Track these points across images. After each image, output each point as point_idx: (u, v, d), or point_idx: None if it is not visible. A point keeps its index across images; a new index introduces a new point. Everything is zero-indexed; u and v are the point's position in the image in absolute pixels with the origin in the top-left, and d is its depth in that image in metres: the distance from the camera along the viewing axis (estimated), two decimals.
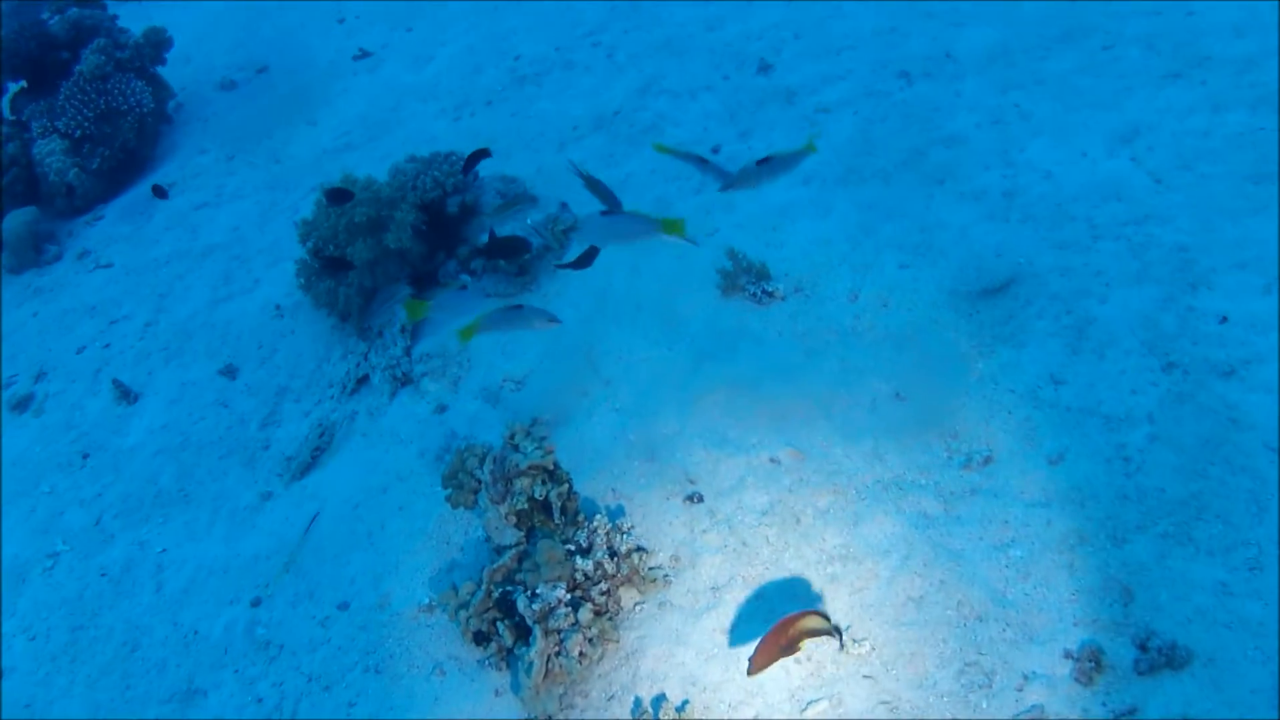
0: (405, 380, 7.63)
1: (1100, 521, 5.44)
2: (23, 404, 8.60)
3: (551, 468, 6.00)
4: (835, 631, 5.13)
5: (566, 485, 6.04)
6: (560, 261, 7.29)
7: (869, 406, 6.34)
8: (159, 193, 8.56)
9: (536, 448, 5.99)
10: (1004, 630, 5.20)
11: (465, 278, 7.99)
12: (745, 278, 7.19)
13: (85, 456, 8.06)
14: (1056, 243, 6.82)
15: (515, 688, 5.65)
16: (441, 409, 7.42)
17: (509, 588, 5.78)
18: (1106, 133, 7.56)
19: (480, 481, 6.07)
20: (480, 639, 5.88)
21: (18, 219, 10.34)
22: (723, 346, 6.96)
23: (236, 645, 6.54)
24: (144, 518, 7.49)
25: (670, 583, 5.89)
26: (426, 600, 6.31)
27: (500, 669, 5.83)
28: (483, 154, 7.28)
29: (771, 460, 6.24)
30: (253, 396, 8.10)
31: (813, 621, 5.10)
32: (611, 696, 5.57)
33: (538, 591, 5.61)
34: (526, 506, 5.95)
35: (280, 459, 7.52)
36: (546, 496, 5.96)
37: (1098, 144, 7.49)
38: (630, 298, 7.52)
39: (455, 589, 5.96)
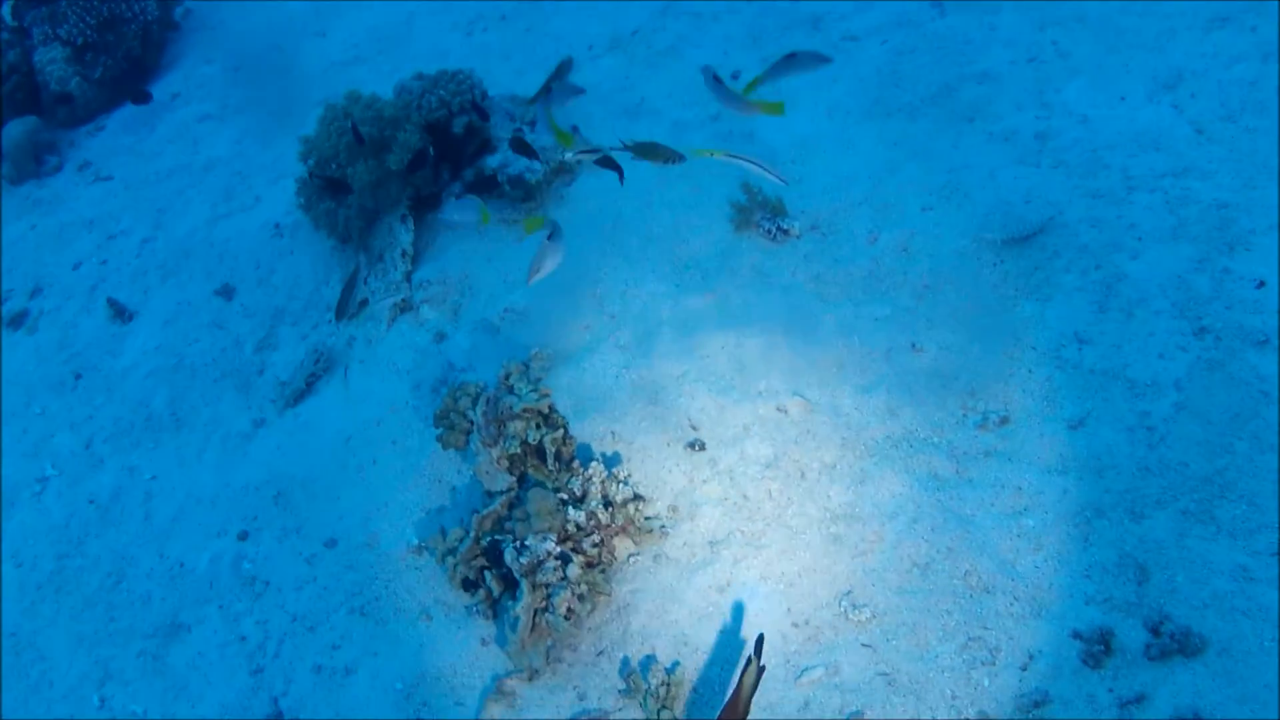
0: (405, 306, 7.37)
1: (1119, 494, 5.15)
2: (17, 321, 8.40)
3: (546, 411, 5.76)
4: (761, 669, 4.84)
5: (562, 430, 5.79)
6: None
7: (883, 357, 6.04)
8: (141, 97, 8.17)
9: (531, 390, 5.74)
10: (1011, 604, 4.96)
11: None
12: (760, 213, 6.85)
13: (78, 377, 7.87)
14: (1089, 192, 6.43)
15: (501, 639, 5.48)
16: (440, 337, 7.16)
17: (498, 536, 5.56)
18: (1148, 77, 7.10)
19: (472, 423, 5.84)
20: (468, 585, 5.68)
21: (18, 128, 10.05)
22: (734, 287, 6.65)
23: (222, 580, 6.38)
24: (134, 442, 7.30)
25: (667, 534, 5.67)
26: (415, 541, 6.12)
27: (488, 617, 5.64)
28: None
29: (778, 410, 5.97)
30: (249, 318, 7.85)
31: (748, 679, 4.84)
32: (601, 652, 5.38)
33: (526, 543, 5.38)
34: (519, 451, 5.72)
35: (275, 384, 7.30)
36: (540, 441, 5.72)
37: (1138, 89, 7.05)
38: (640, 229, 7.20)
39: (444, 533, 5.76)
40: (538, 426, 5.72)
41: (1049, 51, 7.40)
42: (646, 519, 5.65)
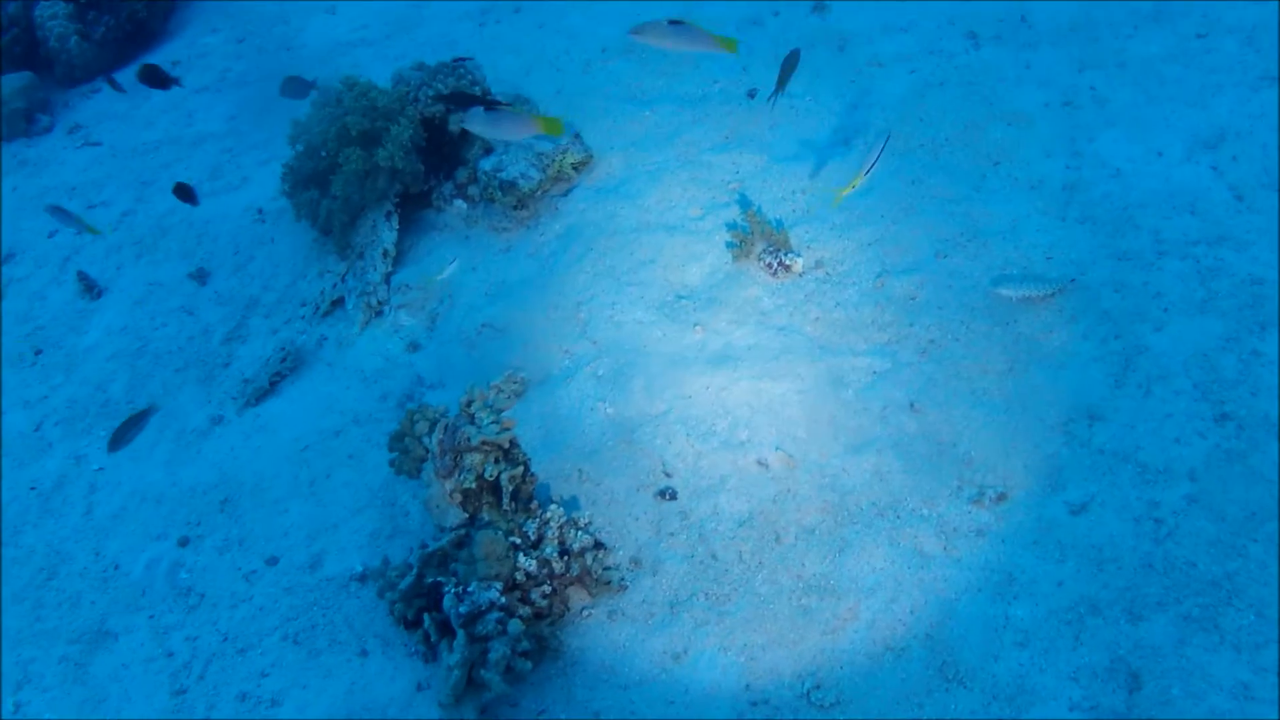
0: (379, 310, 6.96)
1: (1118, 591, 4.70)
2: None
3: (507, 446, 5.32)
4: None
5: (522, 467, 5.35)
6: None
7: (878, 415, 5.58)
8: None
9: (493, 421, 5.31)
10: (988, 704, 4.52)
11: (460, 203, 7.25)
12: (762, 244, 6.40)
13: (38, 353, 7.49)
14: (1116, 253, 5.94)
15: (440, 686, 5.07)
16: (414, 347, 6.75)
17: (441, 578, 5.14)
18: (1188, 133, 6.58)
19: (428, 451, 5.41)
20: (409, 624, 5.28)
21: (12, 84, 9.66)
22: (727, 322, 6.19)
23: (157, 587, 5.99)
24: (86, 428, 6.92)
25: (625, 588, 5.25)
26: (360, 569, 5.72)
27: (427, 660, 5.24)
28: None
29: (759, 463, 5.52)
30: (221, 306, 7.46)
31: None
32: (541, 712, 4.96)
33: (469, 589, 4.96)
34: (474, 486, 5.29)
35: (238, 380, 6.91)
36: (497, 478, 5.29)
37: (1176, 145, 6.52)
38: (635, 250, 6.74)
39: (387, 565, 5.34)
40: (496, 461, 5.28)
41: (1085, 96, 6.89)
42: (605, 569, 5.24)
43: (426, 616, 5.11)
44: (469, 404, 5.43)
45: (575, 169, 7.24)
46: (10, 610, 6.05)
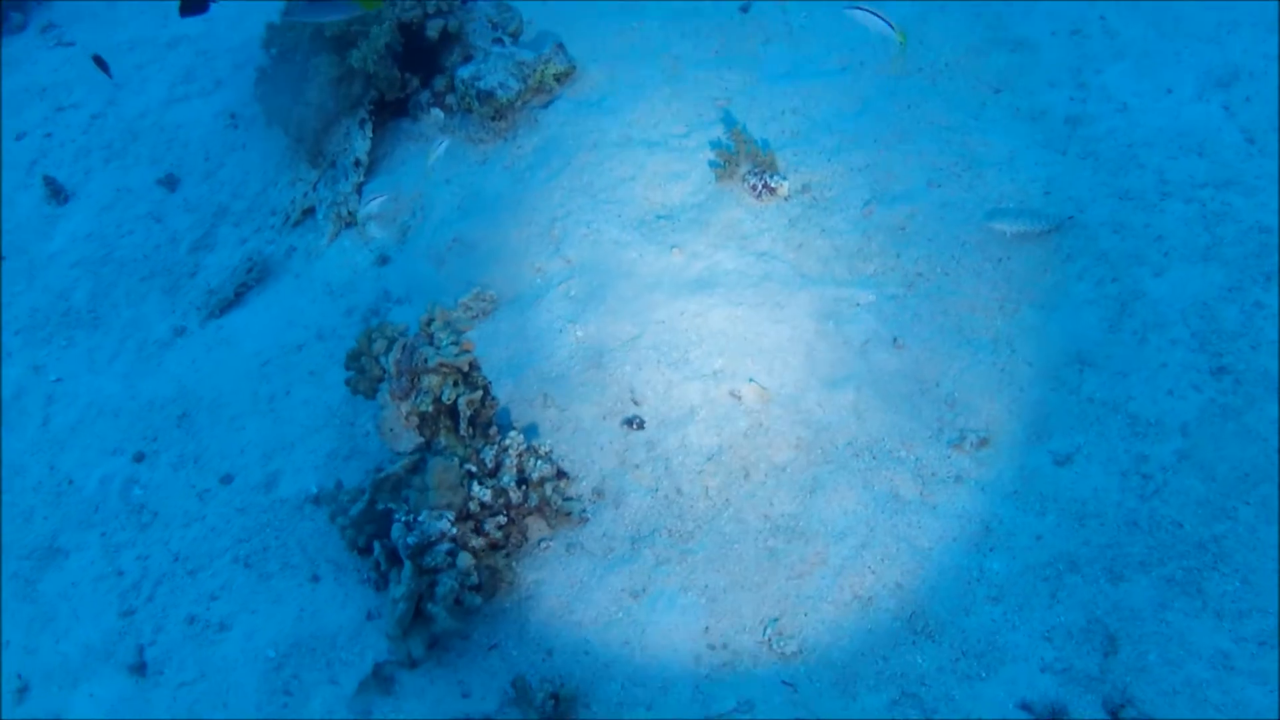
0: (350, 221, 6.68)
1: (1099, 548, 4.46)
2: None
3: (466, 369, 5.08)
4: None
5: (481, 391, 5.11)
6: None
7: (859, 350, 5.31)
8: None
9: (452, 342, 5.05)
10: (957, 660, 4.31)
11: (437, 112, 6.93)
12: (748, 164, 6.09)
13: (0, 259, 7.23)
14: (1117, 191, 5.60)
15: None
16: (383, 260, 6.50)
17: (392, 505, 4.92)
18: (1200, 70, 6.17)
19: (384, 371, 5.17)
20: (362, 550, 5.08)
21: None
22: (705, 245, 5.91)
23: (110, 504, 5.82)
24: (47, 338, 6.70)
25: (586, 521, 5.05)
26: (315, 490, 5.53)
27: (379, 588, 5.05)
28: None
29: (732, 394, 5.27)
30: (190, 213, 7.19)
31: None
32: (494, 646, 4.79)
33: (419, 519, 4.75)
34: (431, 410, 5.06)
35: (203, 291, 6.67)
36: (455, 401, 5.05)
37: (1188, 82, 6.11)
38: (614, 166, 6.45)
39: (339, 489, 5.13)
40: (455, 384, 5.04)
41: (1095, 26, 6.48)
42: (566, 500, 5.02)
43: (377, 544, 4.90)
44: (429, 323, 5.17)
45: (557, 80, 6.90)
46: None
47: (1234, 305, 5.03)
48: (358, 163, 6.71)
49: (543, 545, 5.01)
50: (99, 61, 6.68)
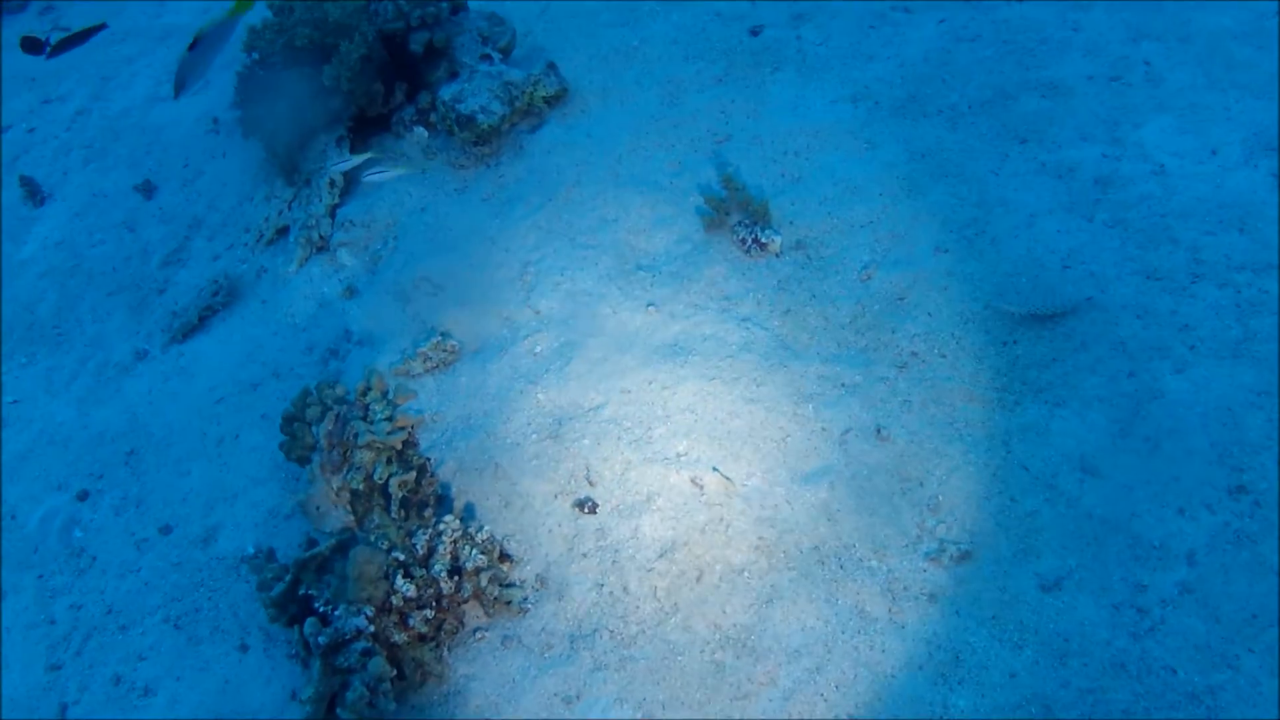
0: (322, 245, 6.29)
1: (1079, 692, 3.94)
2: None
3: (400, 447, 4.66)
4: None
5: (415, 472, 4.70)
6: None
7: (838, 440, 4.79)
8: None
9: (386, 418, 4.65)
10: None
11: (421, 131, 6.47)
12: (738, 215, 5.56)
13: None
14: (1145, 269, 4.99)
15: None
16: (350, 293, 6.09)
17: (314, 590, 4.54)
18: (1250, 130, 5.48)
19: (316, 441, 4.77)
20: (291, 621, 4.72)
21: None
22: (685, 304, 5.40)
23: (49, 545, 5.53)
24: (8, 353, 6.43)
25: (526, 612, 4.61)
26: (252, 551, 5.17)
27: (305, 666, 4.68)
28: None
29: (693, 482, 4.79)
30: (164, 224, 6.84)
31: None
32: None
33: (335, 613, 4.36)
34: (363, 488, 4.66)
35: (168, 312, 6.33)
36: (386, 481, 4.64)
37: (1234, 143, 5.42)
38: (597, 205, 5.95)
39: (268, 559, 4.75)
40: (389, 462, 4.64)
41: (1138, 72, 5.80)
42: (505, 588, 4.60)
43: (297, 628, 4.54)
44: (365, 392, 4.77)
45: (547, 103, 6.41)
46: None
47: (1261, 413, 4.42)
48: (333, 183, 6.28)
49: (478, 635, 4.60)
50: (29, 43, 6.39)
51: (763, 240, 5.46)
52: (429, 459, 4.88)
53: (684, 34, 6.82)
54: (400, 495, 4.63)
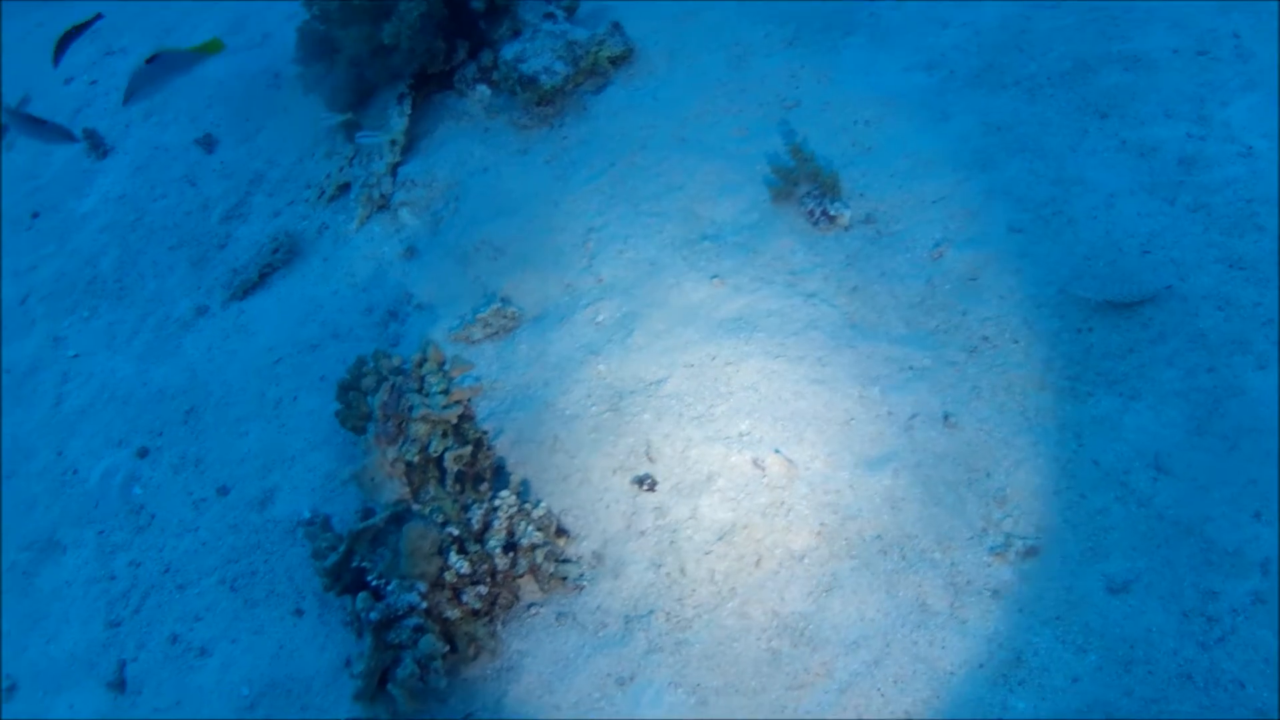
0: (383, 204, 6.23)
1: (1143, 702, 3.82)
2: None
3: (455, 421, 4.61)
4: None
5: (471, 446, 4.65)
6: None
7: (904, 425, 4.68)
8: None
9: (441, 391, 4.59)
10: None
11: (483, 89, 6.36)
12: (806, 185, 5.42)
13: (35, 216, 7.00)
14: (1228, 257, 4.77)
15: None
16: (411, 253, 6.04)
17: (367, 563, 4.53)
18: None
19: (371, 411, 4.73)
20: (345, 591, 4.73)
21: None
22: (750, 277, 5.28)
23: (110, 500, 5.59)
24: (71, 306, 6.45)
25: (582, 588, 4.58)
26: (308, 515, 5.17)
27: (359, 635, 4.69)
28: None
29: (755, 464, 4.70)
30: (225, 179, 6.81)
31: None
32: (468, 715, 4.40)
33: (388, 588, 4.35)
34: (418, 460, 4.63)
35: (229, 268, 6.31)
36: (441, 455, 4.60)
37: None
38: (662, 172, 5.82)
39: (322, 527, 4.75)
40: (444, 435, 4.60)
41: (1226, 46, 5.53)
42: (561, 563, 4.56)
43: (350, 599, 4.54)
44: (421, 363, 4.72)
45: (612, 63, 6.27)
46: None
47: None
48: (394, 141, 6.19)
49: (532, 610, 4.58)
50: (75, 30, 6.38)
51: (832, 213, 5.32)
52: (485, 431, 4.83)
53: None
54: (455, 470, 4.59)
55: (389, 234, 6.14)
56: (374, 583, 4.41)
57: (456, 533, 4.50)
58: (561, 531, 4.70)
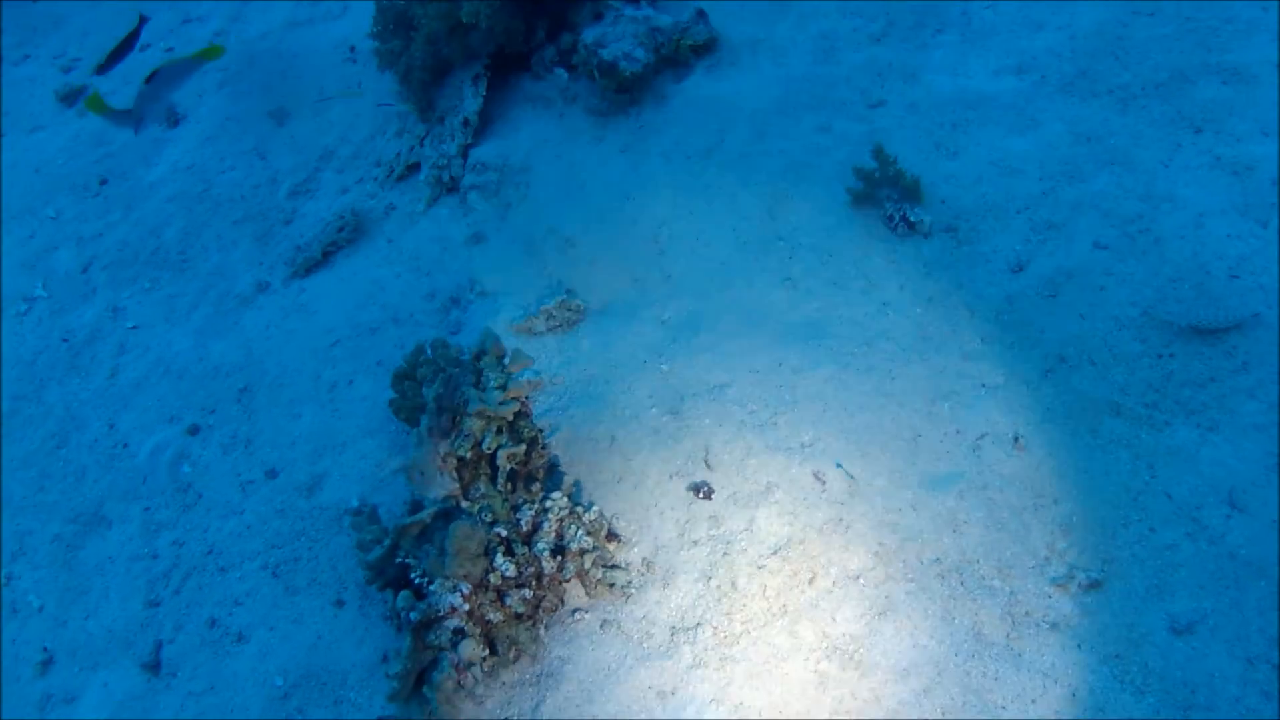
0: (452, 186, 6.13)
1: None
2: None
3: (511, 418, 4.50)
4: None
5: (525, 445, 4.53)
6: None
7: (972, 444, 4.49)
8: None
9: (499, 386, 4.48)
10: None
11: (561, 72, 6.23)
12: (887, 189, 5.23)
13: (103, 183, 6.98)
14: None
15: None
16: (477, 239, 5.93)
17: (410, 560, 4.43)
18: None
19: (425, 403, 4.63)
20: (387, 585, 4.64)
21: None
22: (823, 282, 5.12)
23: (158, 477, 5.53)
24: (132, 277, 6.42)
25: (629, 596, 4.45)
26: (356, 503, 5.09)
27: (398, 629, 4.61)
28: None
29: (816, 477, 4.54)
30: (294, 154, 6.75)
31: None
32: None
33: (431, 587, 4.25)
34: (470, 456, 4.52)
35: (293, 245, 6.26)
36: (494, 452, 4.49)
37: None
38: (739, 168, 5.66)
39: (369, 518, 4.67)
40: (499, 432, 4.49)
41: None
42: (610, 569, 4.44)
43: (391, 595, 4.46)
44: (480, 356, 4.61)
45: (694, 52, 6.11)
46: (16, 475, 5.71)
47: None
48: (467, 122, 6.09)
49: (577, 616, 4.46)
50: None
51: (912, 220, 5.14)
52: (541, 430, 4.72)
53: None
54: (508, 468, 4.48)
55: (456, 217, 6.05)
56: (417, 580, 4.31)
57: (504, 533, 4.39)
58: (613, 536, 4.58)
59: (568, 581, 4.48)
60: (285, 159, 6.75)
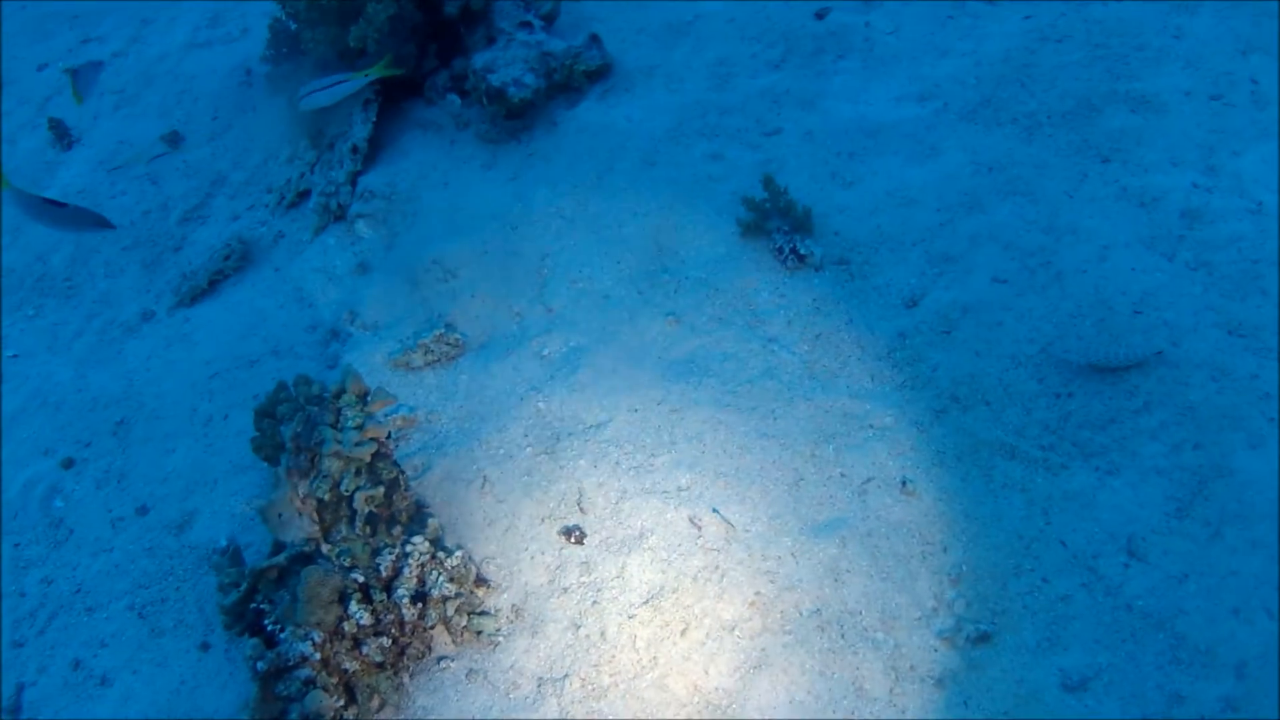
0: (340, 215, 5.92)
1: None
2: None
3: (369, 459, 4.25)
4: None
5: (384, 487, 4.28)
6: None
7: (857, 489, 4.26)
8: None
9: (357, 427, 4.24)
10: None
11: (454, 98, 6.02)
12: (778, 220, 5.03)
13: None
14: (1227, 323, 4.32)
15: None
16: (363, 269, 5.72)
17: (266, 605, 4.18)
18: None
19: (283, 442, 4.39)
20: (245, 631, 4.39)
21: None
22: (707, 318, 4.90)
23: (29, 513, 5.29)
24: (18, 303, 6.18)
25: (496, 645, 4.21)
26: (224, 543, 4.83)
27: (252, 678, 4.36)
28: None
29: (691, 522, 4.30)
30: (187, 178, 6.54)
31: None
32: None
33: (281, 636, 4.00)
34: (329, 498, 4.28)
35: (180, 272, 6.02)
36: (352, 494, 4.25)
37: None
38: (624, 199, 5.46)
39: (227, 559, 4.41)
40: (357, 473, 4.24)
41: (1242, 90, 5.05)
42: (478, 616, 4.20)
43: (248, 643, 4.20)
44: (339, 394, 4.37)
45: (587, 78, 5.92)
46: None
47: None
48: (355, 149, 5.87)
49: (443, 664, 4.21)
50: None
51: (802, 252, 4.93)
52: (403, 471, 4.47)
53: (742, 12, 6.21)
54: (367, 510, 4.24)
55: (343, 246, 5.83)
56: (270, 627, 4.06)
57: (362, 579, 4.13)
58: (481, 581, 4.34)
59: (431, 629, 4.23)
60: (178, 184, 6.52)
